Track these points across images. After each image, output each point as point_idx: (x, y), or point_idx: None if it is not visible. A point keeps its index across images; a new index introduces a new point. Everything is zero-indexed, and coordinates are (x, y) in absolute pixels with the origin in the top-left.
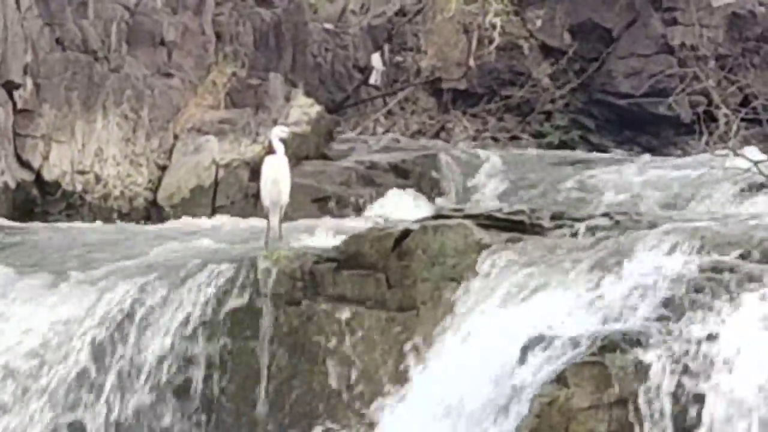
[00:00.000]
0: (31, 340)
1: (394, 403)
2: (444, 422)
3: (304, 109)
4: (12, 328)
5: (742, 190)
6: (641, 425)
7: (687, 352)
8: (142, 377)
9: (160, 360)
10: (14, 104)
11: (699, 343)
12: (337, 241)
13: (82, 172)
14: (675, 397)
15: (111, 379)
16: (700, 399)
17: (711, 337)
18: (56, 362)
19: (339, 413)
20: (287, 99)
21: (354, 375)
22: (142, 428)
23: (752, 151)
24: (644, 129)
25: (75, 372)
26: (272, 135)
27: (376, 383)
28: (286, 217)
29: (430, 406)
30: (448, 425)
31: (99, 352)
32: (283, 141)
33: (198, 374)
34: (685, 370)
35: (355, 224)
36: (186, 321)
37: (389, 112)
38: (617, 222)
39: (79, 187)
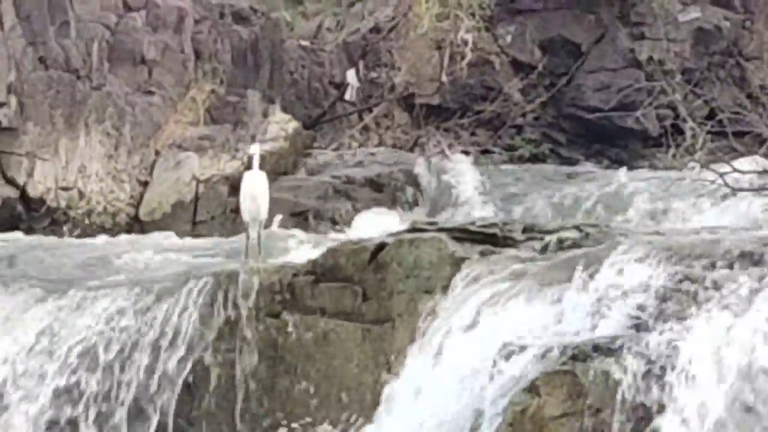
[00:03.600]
0: (17, 350)
1: (371, 413)
2: (427, 427)
3: (281, 125)
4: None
5: (709, 201)
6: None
7: (655, 362)
8: (129, 389)
9: (146, 370)
10: None
11: (666, 353)
12: (315, 254)
13: (65, 189)
14: (644, 406)
15: (94, 388)
16: (664, 408)
17: (677, 347)
18: (42, 372)
19: (317, 424)
20: (265, 115)
21: (332, 387)
22: None
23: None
24: (613, 142)
25: (64, 380)
26: (253, 151)
27: (354, 394)
28: (265, 231)
29: (407, 416)
30: (431, 430)
31: (83, 365)
32: (261, 156)
33: (178, 388)
34: (653, 379)
35: (332, 238)
36: (169, 334)
37: (364, 128)
38: (587, 234)
39: (63, 203)
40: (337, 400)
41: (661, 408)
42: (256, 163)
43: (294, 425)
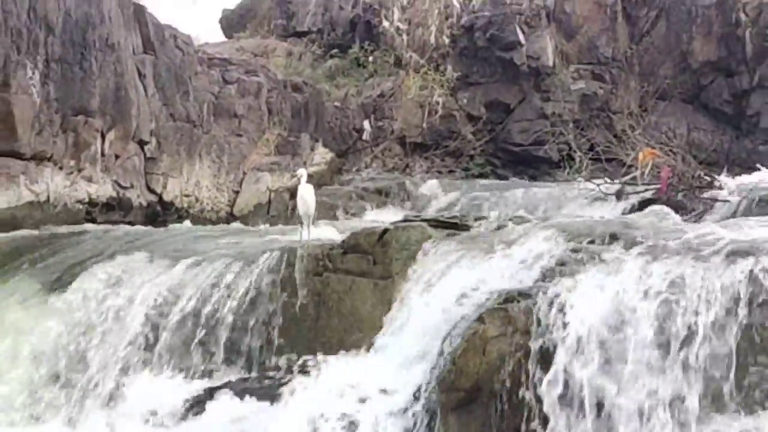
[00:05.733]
0: (163, 296)
1: (382, 335)
2: (413, 343)
3: (322, 155)
4: (150, 291)
5: (590, 202)
6: (531, 346)
7: (554, 302)
8: (227, 318)
9: (236, 310)
10: (145, 154)
11: (561, 295)
12: (344, 236)
13: (187, 196)
14: (548, 327)
15: (206, 317)
16: (563, 329)
17: (569, 291)
18: (175, 310)
19: (347, 342)
20: (312, 149)
21: (355, 319)
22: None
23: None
24: (530, 165)
25: (188, 311)
26: (303, 174)
27: (369, 324)
28: (313, 222)
29: (404, 336)
30: (416, 345)
31: (201, 303)
32: (309, 175)
33: (261, 318)
34: (554, 312)
35: (355, 225)
36: (253, 286)
37: (374, 157)
38: (515, 222)
39: (185, 205)
40: (358, 329)
41: (559, 328)
42: (303, 179)
43: (332, 342)
